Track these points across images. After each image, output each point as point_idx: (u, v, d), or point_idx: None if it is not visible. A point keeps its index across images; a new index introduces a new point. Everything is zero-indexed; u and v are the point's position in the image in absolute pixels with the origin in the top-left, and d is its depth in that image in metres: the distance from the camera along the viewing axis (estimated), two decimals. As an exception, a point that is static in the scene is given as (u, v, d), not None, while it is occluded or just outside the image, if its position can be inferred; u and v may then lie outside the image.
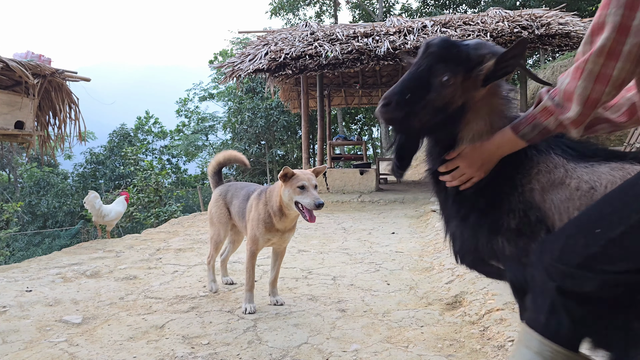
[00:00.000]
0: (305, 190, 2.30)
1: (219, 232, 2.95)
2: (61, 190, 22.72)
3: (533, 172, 1.33)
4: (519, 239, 1.32)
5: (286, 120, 21.05)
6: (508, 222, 1.34)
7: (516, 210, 1.33)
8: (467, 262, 1.54)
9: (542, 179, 1.31)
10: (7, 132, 5.38)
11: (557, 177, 1.30)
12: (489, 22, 7.73)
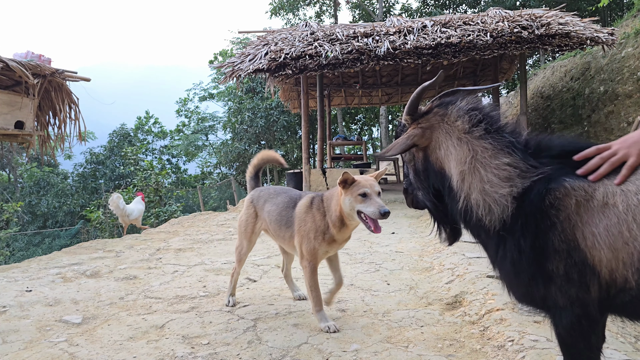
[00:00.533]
0: (367, 198, 2.11)
1: (243, 243, 2.73)
2: (61, 190, 22.72)
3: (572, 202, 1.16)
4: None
5: (286, 120, 21.04)
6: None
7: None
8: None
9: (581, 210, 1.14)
10: (7, 132, 5.38)
11: (598, 201, 1.13)
12: (489, 22, 7.72)
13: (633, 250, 1.06)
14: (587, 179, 1.16)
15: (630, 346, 1.89)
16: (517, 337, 1.99)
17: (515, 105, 13.15)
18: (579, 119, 9.20)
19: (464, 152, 1.30)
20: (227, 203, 13.88)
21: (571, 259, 1.15)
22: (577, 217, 1.14)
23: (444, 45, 7.43)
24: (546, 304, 1.21)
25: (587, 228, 1.13)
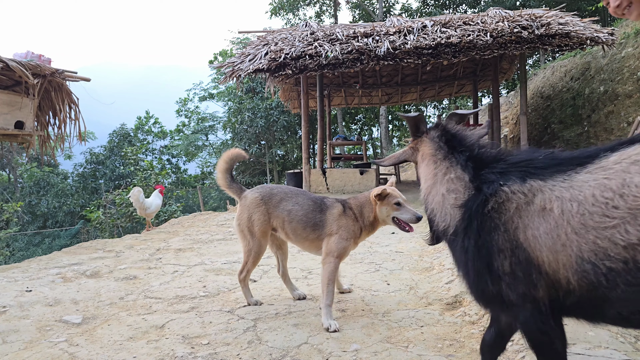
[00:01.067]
0: (401, 207, 2.52)
1: (261, 243, 2.70)
2: (61, 190, 22.72)
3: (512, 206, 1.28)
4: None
5: (286, 120, 21.04)
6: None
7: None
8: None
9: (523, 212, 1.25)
10: (7, 132, 5.38)
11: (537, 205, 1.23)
12: (489, 22, 7.72)
13: (570, 253, 1.14)
14: (532, 184, 1.25)
15: (630, 346, 1.89)
16: (517, 337, 1.99)
17: (515, 105, 13.15)
18: (579, 119, 9.20)
19: (430, 170, 1.52)
20: (227, 203, 13.88)
21: (516, 257, 1.24)
22: (519, 220, 1.25)
23: (444, 45, 7.43)
24: (502, 304, 1.28)
25: (528, 230, 1.22)
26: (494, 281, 1.27)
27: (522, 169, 1.31)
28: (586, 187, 1.17)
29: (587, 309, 1.22)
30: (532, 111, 11.31)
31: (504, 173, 1.33)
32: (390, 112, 25.49)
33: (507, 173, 1.32)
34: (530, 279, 1.22)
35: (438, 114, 23.50)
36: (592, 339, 1.92)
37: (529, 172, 1.29)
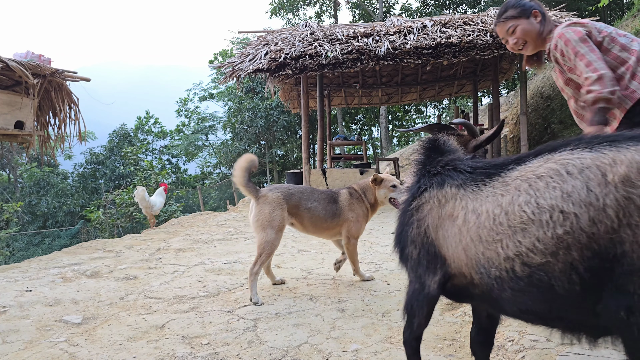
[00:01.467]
0: (397, 189, 3.06)
1: (278, 238, 2.96)
2: (61, 190, 22.73)
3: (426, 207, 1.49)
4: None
5: (286, 120, 21.05)
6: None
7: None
8: None
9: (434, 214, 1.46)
10: (7, 132, 5.37)
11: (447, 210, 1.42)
12: (489, 22, 7.72)
13: (470, 256, 1.31)
14: (449, 192, 1.43)
15: (630, 346, 1.89)
16: (517, 337, 1.99)
17: (515, 105, 13.15)
18: (579, 119, 9.21)
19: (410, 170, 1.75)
20: (227, 203, 13.88)
21: (424, 248, 1.46)
22: (431, 219, 1.45)
23: (444, 45, 7.43)
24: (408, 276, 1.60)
25: (439, 230, 1.42)
26: (402, 260, 1.59)
27: (448, 175, 1.48)
28: (485, 201, 1.31)
29: (490, 302, 1.37)
30: (532, 111, 11.31)
31: (434, 177, 1.52)
32: (390, 112, 25.48)
33: (435, 178, 1.52)
34: (430, 267, 1.44)
35: (438, 114, 23.49)
36: (592, 339, 1.92)
37: (451, 179, 1.45)
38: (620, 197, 1.07)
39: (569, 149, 1.21)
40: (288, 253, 4.21)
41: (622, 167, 1.08)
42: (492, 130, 1.81)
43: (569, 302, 1.17)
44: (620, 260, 1.06)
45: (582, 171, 1.14)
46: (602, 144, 1.16)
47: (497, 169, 1.35)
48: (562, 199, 1.15)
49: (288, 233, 5.34)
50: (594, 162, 1.13)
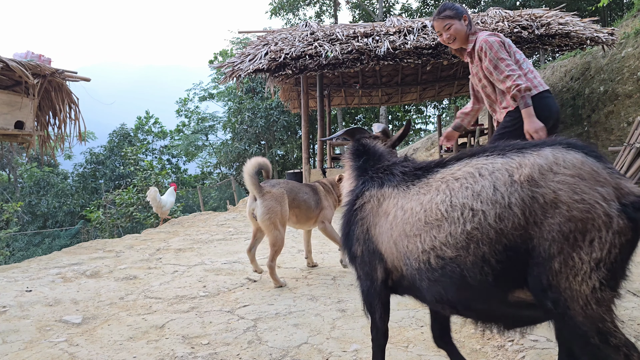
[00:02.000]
0: None
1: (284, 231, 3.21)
2: (61, 190, 22.73)
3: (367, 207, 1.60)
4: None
5: (286, 120, 21.05)
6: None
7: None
8: None
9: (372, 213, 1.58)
10: (7, 132, 5.37)
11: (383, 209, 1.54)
12: (489, 22, 7.72)
13: (400, 250, 1.42)
14: (386, 191, 1.55)
15: (630, 346, 1.89)
16: (517, 337, 1.99)
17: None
18: (579, 119, 9.20)
19: (346, 174, 1.88)
20: (227, 203, 13.87)
21: (366, 245, 1.56)
22: (371, 217, 1.56)
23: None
24: (356, 274, 1.68)
25: (377, 227, 1.53)
26: (351, 259, 1.67)
27: (385, 177, 1.61)
28: (411, 200, 1.44)
29: (415, 293, 1.51)
30: (532, 111, 11.31)
31: (372, 180, 1.64)
32: (391, 112, 25.48)
33: (374, 179, 1.63)
34: (373, 263, 1.55)
35: (438, 114, 23.51)
36: (592, 339, 1.92)
37: (388, 180, 1.58)
38: (526, 195, 1.18)
39: (485, 155, 1.33)
40: (288, 253, 4.21)
41: (527, 169, 1.21)
42: (400, 131, 2.00)
43: (481, 293, 1.26)
44: (531, 254, 1.16)
45: (492, 173, 1.26)
46: (512, 151, 1.28)
47: (424, 171, 1.49)
48: (472, 197, 1.26)
49: (288, 233, 5.33)
50: (503, 165, 1.25)
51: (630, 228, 1.11)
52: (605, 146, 8.26)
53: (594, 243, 1.11)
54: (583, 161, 1.18)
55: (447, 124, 19.14)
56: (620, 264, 1.13)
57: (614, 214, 1.11)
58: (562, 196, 1.15)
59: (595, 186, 1.14)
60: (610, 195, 1.13)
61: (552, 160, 1.20)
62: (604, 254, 1.10)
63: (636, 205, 1.11)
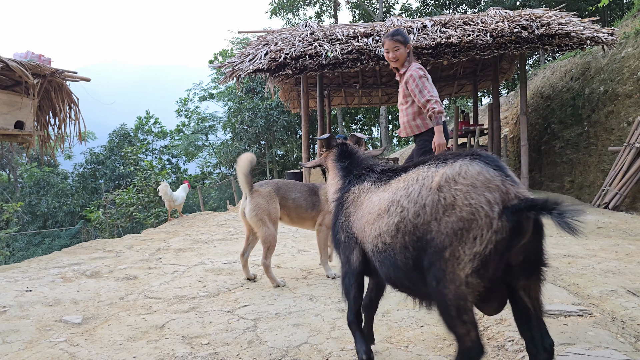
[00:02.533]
0: None
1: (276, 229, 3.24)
2: (61, 190, 22.73)
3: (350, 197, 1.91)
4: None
5: (286, 120, 21.05)
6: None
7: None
8: None
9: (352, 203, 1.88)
10: (7, 132, 5.37)
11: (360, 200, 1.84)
12: (489, 22, 7.72)
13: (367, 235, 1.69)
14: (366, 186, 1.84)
15: (630, 346, 1.89)
16: (517, 337, 1.99)
17: (515, 105, 13.14)
18: (579, 119, 9.20)
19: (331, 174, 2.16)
20: (227, 203, 13.88)
21: (347, 231, 1.84)
22: (352, 208, 1.85)
23: (444, 45, 7.43)
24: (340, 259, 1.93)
25: (354, 215, 1.81)
26: (337, 245, 1.94)
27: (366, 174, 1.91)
28: (376, 194, 1.73)
29: (376, 272, 1.74)
30: (532, 111, 11.31)
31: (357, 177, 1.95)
32: (390, 112, 25.47)
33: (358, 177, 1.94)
34: (351, 246, 1.82)
35: (438, 114, 23.46)
36: (592, 339, 1.92)
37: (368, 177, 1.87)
38: (435, 198, 1.45)
39: (428, 164, 1.59)
40: (288, 253, 4.21)
41: (437, 177, 1.47)
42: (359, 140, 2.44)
43: (407, 273, 1.54)
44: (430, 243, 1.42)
45: (423, 179, 1.53)
46: (441, 162, 1.54)
47: (393, 173, 1.76)
48: (405, 197, 1.56)
49: (288, 233, 5.33)
50: (429, 174, 1.53)
51: (508, 228, 1.31)
52: (605, 146, 8.26)
53: (476, 239, 1.34)
54: (480, 172, 1.41)
55: (447, 123, 19.14)
56: (494, 257, 1.33)
57: (495, 216, 1.32)
58: (457, 200, 1.39)
59: (484, 192, 1.37)
60: (496, 200, 1.34)
61: (457, 171, 1.45)
62: (481, 248, 1.33)
63: (514, 208, 1.30)
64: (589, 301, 2.55)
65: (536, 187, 10.05)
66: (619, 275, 3.12)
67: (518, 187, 1.38)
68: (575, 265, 3.39)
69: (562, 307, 2.27)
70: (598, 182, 8.28)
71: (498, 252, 1.32)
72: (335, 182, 2.09)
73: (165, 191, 7.91)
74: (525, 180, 8.48)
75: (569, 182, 9.20)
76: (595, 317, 2.16)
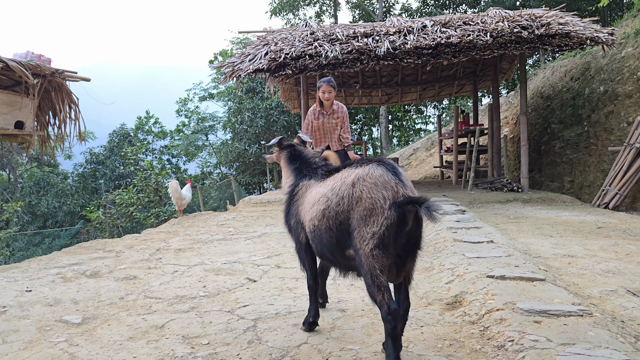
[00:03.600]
0: None
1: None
2: (61, 190, 22.72)
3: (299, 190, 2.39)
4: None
5: (286, 120, 21.05)
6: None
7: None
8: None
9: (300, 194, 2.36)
10: (7, 132, 5.37)
11: (305, 192, 2.32)
12: (489, 22, 7.72)
13: (308, 218, 2.15)
14: (310, 182, 2.33)
15: (630, 346, 1.89)
16: (517, 337, 1.99)
17: (515, 105, 13.14)
18: (579, 119, 9.20)
19: (285, 172, 2.61)
20: (227, 203, 13.87)
21: (296, 218, 2.32)
22: (301, 199, 2.30)
23: (444, 45, 7.43)
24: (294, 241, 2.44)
25: (302, 205, 2.27)
26: (289, 229, 2.43)
27: (312, 173, 2.38)
28: (317, 189, 2.19)
29: (313, 249, 2.21)
30: (532, 111, 11.31)
31: (305, 176, 2.40)
32: (390, 112, 25.47)
33: (306, 175, 2.40)
34: (299, 230, 2.30)
35: (438, 114, 23.51)
36: (592, 339, 1.92)
37: (314, 175, 2.36)
38: (350, 192, 1.92)
39: (352, 166, 2.03)
40: (288, 253, 4.21)
41: (352, 176, 1.96)
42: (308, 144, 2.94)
43: (330, 249, 2.03)
44: (351, 226, 1.89)
45: (345, 177, 1.99)
46: (358, 165, 2.00)
47: (332, 172, 2.21)
48: (330, 190, 2.03)
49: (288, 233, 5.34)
50: (349, 173, 2.00)
51: (395, 217, 1.80)
52: (605, 146, 8.26)
53: (374, 223, 1.82)
54: (381, 174, 1.90)
55: (447, 123, 19.14)
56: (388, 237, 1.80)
57: (387, 207, 1.81)
58: (363, 194, 1.87)
59: (382, 190, 1.85)
60: (389, 197, 1.83)
61: (367, 172, 1.92)
62: (378, 229, 1.81)
63: (400, 203, 1.79)
64: (589, 301, 2.55)
65: (536, 187, 10.05)
66: (619, 275, 3.12)
67: (406, 189, 1.87)
68: (575, 265, 3.39)
69: (562, 307, 2.27)
70: (598, 182, 8.28)
71: (390, 233, 1.81)
72: (288, 178, 2.55)
73: (175, 188, 7.99)
74: (526, 180, 8.48)
75: (569, 182, 9.20)
76: (595, 317, 2.16)
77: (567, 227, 5.14)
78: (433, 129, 25.04)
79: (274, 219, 6.66)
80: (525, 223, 5.49)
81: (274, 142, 2.69)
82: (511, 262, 3.12)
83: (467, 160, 9.93)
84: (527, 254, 3.63)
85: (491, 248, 3.63)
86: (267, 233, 5.38)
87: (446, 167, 12.30)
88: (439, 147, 13.11)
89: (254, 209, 7.92)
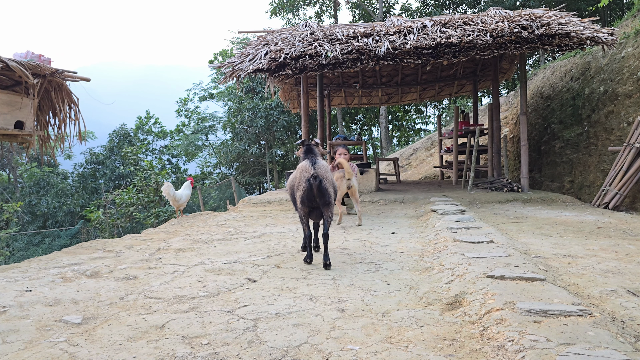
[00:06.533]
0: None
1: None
2: (61, 190, 22.73)
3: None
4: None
5: (286, 120, 21.06)
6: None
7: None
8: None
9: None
10: (7, 132, 5.37)
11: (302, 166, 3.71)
12: (488, 22, 7.72)
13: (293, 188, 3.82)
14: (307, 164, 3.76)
15: (630, 346, 1.89)
16: (517, 337, 1.99)
17: (515, 105, 13.14)
18: (579, 119, 9.20)
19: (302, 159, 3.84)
20: (227, 203, 13.88)
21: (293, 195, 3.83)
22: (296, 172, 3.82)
23: (444, 45, 7.43)
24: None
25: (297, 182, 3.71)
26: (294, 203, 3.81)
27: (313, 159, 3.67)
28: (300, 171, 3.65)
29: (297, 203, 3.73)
30: (532, 111, 11.31)
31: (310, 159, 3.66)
32: (390, 112, 25.47)
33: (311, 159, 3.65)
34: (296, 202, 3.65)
35: (438, 114, 23.50)
36: (592, 339, 1.92)
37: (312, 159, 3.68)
38: (297, 173, 3.67)
39: (305, 160, 3.69)
40: (288, 253, 4.22)
41: (302, 164, 3.64)
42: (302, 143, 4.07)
43: (310, 203, 3.52)
44: (298, 191, 3.66)
45: (302, 165, 3.67)
46: (304, 160, 3.70)
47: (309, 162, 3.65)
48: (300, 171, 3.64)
49: (288, 233, 5.33)
50: (310, 164, 3.60)
51: (308, 185, 3.47)
52: (605, 146, 8.26)
53: (299, 188, 3.56)
54: (306, 164, 3.59)
55: (447, 123, 19.13)
56: (307, 196, 3.49)
57: (305, 181, 3.48)
58: (298, 174, 3.60)
59: (304, 173, 3.54)
60: (307, 176, 3.49)
61: (306, 164, 3.60)
62: (301, 192, 3.52)
63: (310, 177, 3.47)
64: (589, 301, 2.55)
65: (536, 187, 10.05)
66: (619, 275, 3.12)
67: (315, 171, 3.49)
68: (575, 265, 3.39)
69: (562, 307, 2.27)
70: (598, 182, 8.28)
71: (307, 194, 3.46)
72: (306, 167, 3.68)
73: (167, 191, 7.97)
74: (525, 180, 8.48)
75: (569, 182, 9.20)
76: (595, 317, 2.16)
77: (567, 227, 5.14)
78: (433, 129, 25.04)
79: (274, 219, 6.66)
80: (525, 223, 5.49)
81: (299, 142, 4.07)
82: (511, 262, 3.12)
83: (467, 160, 9.93)
84: (527, 254, 3.63)
85: (491, 248, 3.63)
86: (267, 233, 5.38)
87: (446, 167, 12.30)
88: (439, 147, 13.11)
89: (254, 209, 7.92)
